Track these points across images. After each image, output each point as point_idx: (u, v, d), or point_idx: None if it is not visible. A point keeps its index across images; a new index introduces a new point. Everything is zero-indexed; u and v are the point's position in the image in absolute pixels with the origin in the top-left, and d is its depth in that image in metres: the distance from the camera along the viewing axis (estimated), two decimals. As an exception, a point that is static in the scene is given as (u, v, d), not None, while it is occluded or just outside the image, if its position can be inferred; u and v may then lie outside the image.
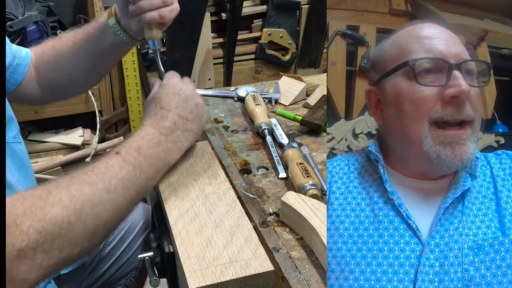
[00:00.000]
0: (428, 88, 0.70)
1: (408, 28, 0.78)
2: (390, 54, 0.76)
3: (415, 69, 0.70)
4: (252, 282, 0.71)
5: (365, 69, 1.24)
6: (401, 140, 0.73)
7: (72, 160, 2.06)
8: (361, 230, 0.71)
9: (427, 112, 0.69)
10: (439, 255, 0.67)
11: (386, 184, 0.72)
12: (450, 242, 0.68)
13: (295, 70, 2.46)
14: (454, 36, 0.75)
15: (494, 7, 1.43)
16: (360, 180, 0.76)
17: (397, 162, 0.76)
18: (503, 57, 1.37)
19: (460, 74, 0.69)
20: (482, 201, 0.73)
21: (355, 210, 0.73)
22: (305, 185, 0.84)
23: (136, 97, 2.17)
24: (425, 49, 0.72)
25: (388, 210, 0.71)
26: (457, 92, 0.68)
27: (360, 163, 0.78)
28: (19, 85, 1.06)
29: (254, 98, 1.14)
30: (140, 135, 0.82)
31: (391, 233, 0.69)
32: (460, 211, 0.71)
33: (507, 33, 1.38)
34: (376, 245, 0.69)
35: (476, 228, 0.70)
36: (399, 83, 0.73)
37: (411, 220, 0.70)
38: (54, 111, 2.06)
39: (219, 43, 2.36)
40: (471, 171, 0.74)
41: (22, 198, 0.66)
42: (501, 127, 1.35)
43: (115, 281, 1.20)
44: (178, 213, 0.82)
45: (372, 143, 0.78)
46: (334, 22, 1.28)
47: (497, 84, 1.31)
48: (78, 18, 2.15)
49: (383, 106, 0.77)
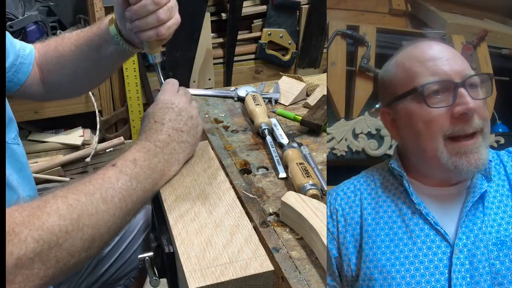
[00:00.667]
0: (437, 109, 0.75)
1: (410, 49, 0.82)
2: (398, 78, 0.81)
3: (424, 93, 0.76)
4: (252, 282, 0.71)
5: (365, 69, 1.24)
6: (419, 156, 0.79)
7: (72, 160, 2.06)
8: (396, 240, 0.77)
9: (440, 130, 0.75)
10: (468, 254, 0.73)
11: (413, 196, 0.78)
12: (476, 241, 0.74)
13: (295, 70, 2.46)
14: (454, 52, 0.80)
15: (494, 7, 1.43)
16: (388, 194, 0.82)
17: (417, 174, 0.81)
18: (503, 57, 1.37)
19: (466, 91, 0.74)
20: (501, 200, 0.78)
21: (388, 223, 0.78)
22: (305, 185, 0.84)
23: (136, 97, 2.17)
24: (430, 72, 0.77)
25: (417, 219, 0.77)
26: (465, 109, 0.74)
27: (384, 178, 0.84)
28: (23, 84, 1.06)
29: (254, 98, 1.14)
30: (136, 149, 0.83)
31: (423, 240, 0.75)
32: (481, 211, 0.76)
33: (507, 33, 1.38)
34: (411, 252, 0.75)
35: (498, 225, 0.75)
36: (411, 106, 0.78)
37: (439, 226, 0.75)
38: (54, 111, 2.07)
39: (219, 43, 2.36)
40: (486, 173, 0.79)
41: (20, 209, 0.66)
42: (501, 127, 1.35)
43: (115, 281, 1.20)
44: (178, 213, 0.82)
45: (394, 160, 0.83)
46: (334, 22, 1.28)
47: (497, 84, 1.31)
48: (78, 18, 2.15)
49: (399, 126, 0.82)
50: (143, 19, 0.91)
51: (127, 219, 0.78)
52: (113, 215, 0.74)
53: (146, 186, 0.81)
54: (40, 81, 1.09)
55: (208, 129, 1.10)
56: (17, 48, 1.05)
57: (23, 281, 0.63)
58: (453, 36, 1.32)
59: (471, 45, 1.31)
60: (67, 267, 0.68)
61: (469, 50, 1.31)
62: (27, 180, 0.99)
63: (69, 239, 0.67)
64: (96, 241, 0.72)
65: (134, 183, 0.78)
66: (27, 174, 1.00)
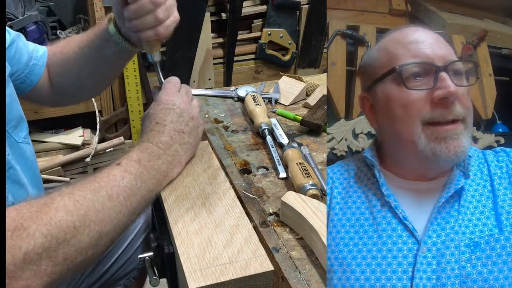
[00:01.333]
0: (417, 92, 0.72)
1: (393, 34, 0.80)
2: (379, 61, 0.78)
3: (403, 74, 0.73)
4: (252, 282, 0.71)
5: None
6: (396, 143, 0.76)
7: (72, 160, 2.06)
8: (361, 232, 0.73)
9: (418, 114, 0.72)
10: (436, 253, 0.69)
11: (383, 187, 0.75)
12: (447, 240, 0.70)
13: (295, 70, 2.46)
14: (439, 38, 0.77)
15: (494, 7, 1.43)
16: (360, 185, 0.78)
17: (394, 165, 0.78)
18: (503, 57, 1.37)
19: (448, 75, 0.71)
20: (479, 199, 0.75)
21: (355, 214, 0.75)
22: (305, 185, 0.84)
23: (136, 97, 2.17)
24: (411, 54, 0.74)
25: (385, 212, 0.74)
26: (445, 93, 0.70)
27: (359, 168, 0.81)
28: (34, 86, 1.07)
29: (254, 98, 1.14)
30: (140, 149, 0.83)
31: (389, 234, 0.72)
32: (457, 210, 0.73)
33: (507, 33, 1.38)
34: (375, 246, 0.71)
35: (473, 226, 0.72)
36: (389, 88, 0.75)
37: (408, 221, 0.72)
38: (54, 111, 2.07)
39: (219, 43, 2.36)
40: (464, 169, 0.76)
41: (28, 205, 0.67)
42: (501, 127, 1.35)
43: (114, 281, 1.20)
44: (178, 213, 0.82)
45: (368, 149, 0.80)
46: (334, 22, 1.28)
47: (497, 84, 1.31)
48: (78, 18, 2.16)
49: (376, 111, 0.79)
50: (141, 18, 0.91)
51: (132, 218, 0.78)
52: (119, 213, 0.74)
53: (150, 186, 0.81)
54: (49, 84, 1.10)
55: (208, 129, 1.10)
56: (30, 50, 1.05)
57: (31, 278, 0.63)
58: (453, 36, 1.32)
59: (471, 45, 1.32)
60: (74, 264, 0.68)
61: (469, 50, 1.31)
62: (36, 180, 1.00)
63: (77, 235, 0.68)
64: (102, 238, 0.72)
65: (139, 182, 0.79)
66: (35, 173, 1.01)
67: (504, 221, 0.71)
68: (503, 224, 0.71)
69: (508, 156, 0.79)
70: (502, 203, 0.74)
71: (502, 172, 0.78)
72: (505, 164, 0.78)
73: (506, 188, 0.76)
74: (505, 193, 0.75)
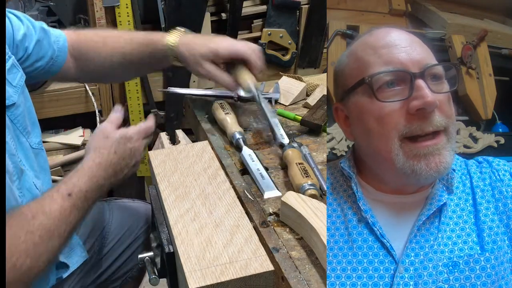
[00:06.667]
0: (391, 104, 0.65)
1: (364, 37, 0.73)
2: (349, 69, 0.72)
3: (373, 85, 0.66)
4: (252, 282, 0.71)
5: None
6: (373, 158, 0.71)
7: (72, 160, 2.05)
8: (336, 250, 0.69)
9: (394, 128, 0.65)
10: (414, 274, 0.66)
11: (360, 201, 0.70)
12: (425, 260, 0.66)
13: (295, 70, 2.46)
14: (414, 39, 0.70)
15: (494, 7, 1.44)
16: (335, 197, 0.73)
17: (372, 178, 0.73)
18: (503, 57, 1.37)
19: (424, 83, 0.64)
20: (460, 215, 0.70)
21: (330, 229, 0.71)
22: (303, 185, 0.84)
23: (136, 97, 2.16)
24: (383, 60, 0.67)
25: (362, 229, 0.69)
26: (422, 104, 0.64)
27: (335, 178, 0.76)
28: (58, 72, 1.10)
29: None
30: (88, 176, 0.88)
31: (364, 253, 0.68)
32: (437, 227, 0.69)
33: (507, 33, 1.38)
34: (350, 265, 0.67)
35: (453, 244, 0.68)
36: (361, 100, 0.68)
37: (385, 239, 0.68)
38: (54, 111, 2.06)
39: (219, 43, 2.35)
40: (447, 184, 0.71)
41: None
42: (501, 127, 1.35)
43: (114, 281, 1.20)
44: (178, 213, 0.82)
45: (344, 159, 0.75)
46: (334, 22, 1.28)
47: (497, 84, 1.31)
48: (78, 18, 2.15)
49: (351, 123, 0.73)
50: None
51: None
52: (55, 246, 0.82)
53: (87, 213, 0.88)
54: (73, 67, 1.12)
55: (208, 129, 1.10)
56: (52, 41, 1.06)
57: None
58: (453, 36, 1.32)
59: (471, 45, 1.32)
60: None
61: (469, 50, 1.31)
62: (47, 186, 1.01)
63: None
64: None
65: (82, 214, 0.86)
66: (47, 179, 1.01)
67: (486, 237, 0.68)
68: (485, 241, 0.68)
69: (491, 167, 0.75)
70: (484, 217, 0.70)
71: (485, 184, 0.73)
72: (488, 176, 0.74)
73: (489, 201, 0.72)
74: (488, 207, 0.71)
